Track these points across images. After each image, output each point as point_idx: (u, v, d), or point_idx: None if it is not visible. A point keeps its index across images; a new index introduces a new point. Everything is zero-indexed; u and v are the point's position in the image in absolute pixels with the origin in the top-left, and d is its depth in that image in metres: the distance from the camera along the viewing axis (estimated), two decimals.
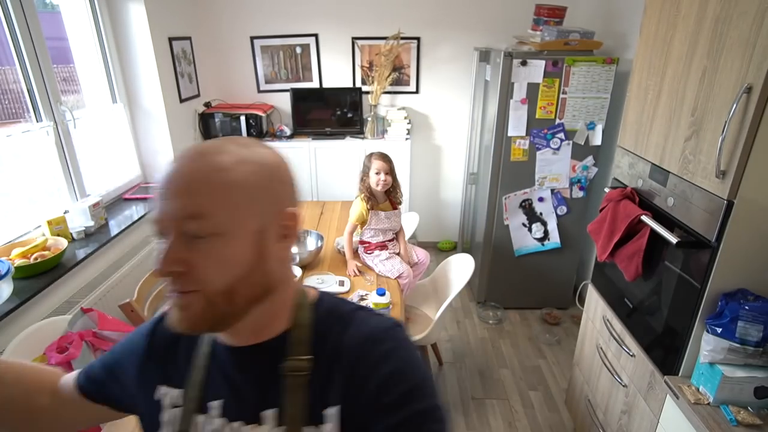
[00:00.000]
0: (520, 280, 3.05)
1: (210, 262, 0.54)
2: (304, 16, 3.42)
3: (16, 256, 1.81)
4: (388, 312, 1.71)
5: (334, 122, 3.57)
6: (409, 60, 3.53)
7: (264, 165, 0.59)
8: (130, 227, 2.40)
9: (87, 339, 1.59)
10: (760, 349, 1.19)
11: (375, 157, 2.16)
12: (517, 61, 2.55)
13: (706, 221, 1.23)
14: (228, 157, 0.56)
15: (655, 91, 1.50)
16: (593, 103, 2.63)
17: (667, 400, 1.35)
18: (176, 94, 3.04)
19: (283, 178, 0.61)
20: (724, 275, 1.22)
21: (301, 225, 0.62)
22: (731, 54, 1.15)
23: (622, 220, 1.54)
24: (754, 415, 1.18)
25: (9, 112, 2.07)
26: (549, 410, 2.31)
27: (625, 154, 1.69)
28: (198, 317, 0.55)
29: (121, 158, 2.85)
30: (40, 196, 2.22)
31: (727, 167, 1.15)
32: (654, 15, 1.51)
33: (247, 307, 0.58)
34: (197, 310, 0.55)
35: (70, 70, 2.51)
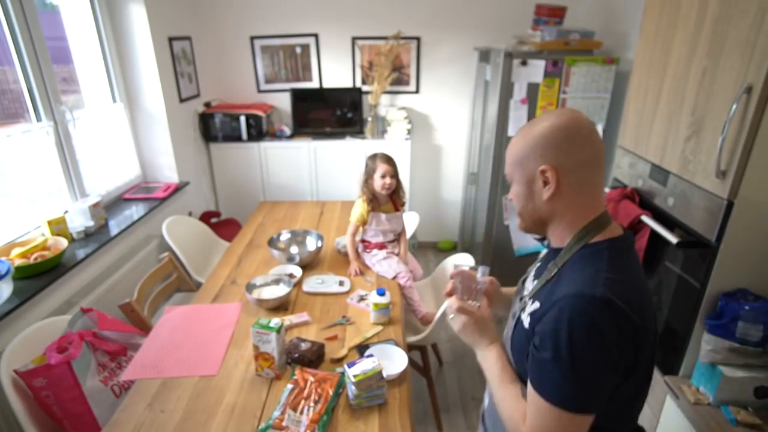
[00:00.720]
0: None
1: (513, 196, 0.93)
2: (304, 16, 3.42)
3: (16, 256, 1.81)
4: (387, 312, 1.71)
5: (334, 122, 3.57)
6: (409, 60, 3.53)
7: (536, 136, 0.85)
8: (130, 227, 2.40)
9: (87, 339, 1.59)
10: (760, 349, 1.19)
11: (380, 160, 2.09)
12: (517, 61, 2.55)
13: (706, 221, 1.23)
14: (527, 128, 0.88)
15: (655, 91, 1.50)
16: (593, 103, 2.63)
17: (667, 400, 1.35)
18: (176, 94, 3.04)
19: (544, 143, 0.84)
20: (724, 275, 1.22)
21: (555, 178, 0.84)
22: (731, 54, 1.15)
23: (623, 220, 1.55)
24: (754, 415, 1.18)
25: (9, 112, 2.07)
26: None
27: (625, 154, 1.69)
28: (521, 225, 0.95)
29: (121, 158, 2.85)
30: (40, 196, 2.22)
31: (727, 167, 1.15)
32: (654, 15, 1.51)
33: (535, 226, 0.92)
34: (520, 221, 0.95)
35: (70, 70, 2.51)
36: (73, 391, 1.47)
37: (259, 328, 1.38)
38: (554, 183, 0.83)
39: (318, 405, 1.27)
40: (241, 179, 3.57)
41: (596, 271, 0.79)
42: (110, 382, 1.59)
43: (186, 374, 1.46)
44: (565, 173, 0.83)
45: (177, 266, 2.40)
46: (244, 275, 2.07)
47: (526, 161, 0.86)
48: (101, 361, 1.62)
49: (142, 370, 1.48)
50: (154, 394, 1.38)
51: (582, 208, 0.86)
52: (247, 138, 3.40)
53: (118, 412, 1.32)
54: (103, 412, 1.52)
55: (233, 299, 1.88)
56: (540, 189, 0.86)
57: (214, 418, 1.29)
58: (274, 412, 1.26)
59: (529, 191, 0.88)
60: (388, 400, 1.35)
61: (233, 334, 1.65)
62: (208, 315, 1.77)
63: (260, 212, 2.84)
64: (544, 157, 0.84)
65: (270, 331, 1.37)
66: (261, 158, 3.49)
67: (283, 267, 2.08)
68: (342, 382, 1.38)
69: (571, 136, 0.83)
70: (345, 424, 1.27)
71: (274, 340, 1.38)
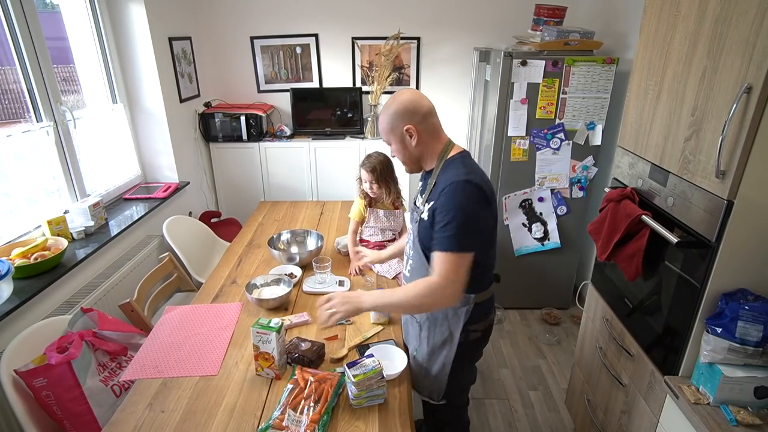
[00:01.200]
0: (520, 280, 3.05)
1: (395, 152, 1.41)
2: (304, 16, 3.42)
3: (16, 256, 1.81)
4: (387, 312, 1.71)
5: (334, 122, 3.57)
6: (409, 60, 3.53)
7: (394, 111, 1.33)
8: (130, 227, 2.40)
9: (87, 339, 1.59)
10: (760, 349, 1.19)
11: (364, 168, 2.10)
12: (517, 61, 2.55)
13: (706, 221, 1.23)
14: (385, 109, 1.35)
15: (655, 91, 1.50)
16: (593, 103, 2.63)
17: (667, 400, 1.35)
18: (176, 94, 3.04)
19: (401, 113, 1.32)
20: (724, 275, 1.22)
21: (416, 131, 1.33)
22: (731, 54, 1.15)
23: (622, 220, 1.54)
24: (754, 415, 1.18)
25: (9, 112, 2.07)
26: (549, 410, 2.31)
27: (625, 154, 1.69)
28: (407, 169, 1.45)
29: (121, 158, 2.86)
30: (40, 196, 2.22)
31: (727, 167, 1.15)
32: (654, 15, 1.51)
33: (415, 165, 1.42)
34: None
35: (70, 70, 2.51)
36: (73, 391, 1.47)
37: (259, 328, 1.38)
38: (416, 134, 1.32)
39: (318, 405, 1.27)
40: (241, 179, 3.57)
41: (458, 171, 1.28)
42: (110, 382, 1.59)
43: (186, 374, 1.46)
44: (418, 125, 1.32)
45: (177, 266, 2.40)
46: (244, 275, 2.07)
47: (395, 128, 1.34)
48: (101, 361, 1.62)
49: (142, 370, 1.48)
50: (154, 394, 1.38)
51: (436, 141, 1.37)
52: (247, 138, 3.40)
53: (118, 412, 1.32)
54: (103, 412, 1.52)
55: (233, 299, 1.88)
56: (409, 141, 1.34)
57: (214, 418, 1.29)
58: (274, 412, 1.26)
59: (403, 145, 1.36)
60: (388, 400, 1.35)
61: (233, 334, 1.65)
62: (208, 315, 1.77)
63: (260, 212, 2.84)
64: (404, 121, 1.32)
65: (270, 331, 1.37)
66: (261, 158, 3.49)
67: (283, 267, 2.08)
68: (342, 382, 1.38)
69: (413, 103, 1.32)
70: (345, 424, 1.27)
71: (274, 340, 1.38)
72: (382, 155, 2.14)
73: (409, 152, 1.37)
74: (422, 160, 1.39)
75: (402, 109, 1.31)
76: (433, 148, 1.36)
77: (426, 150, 1.36)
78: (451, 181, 1.25)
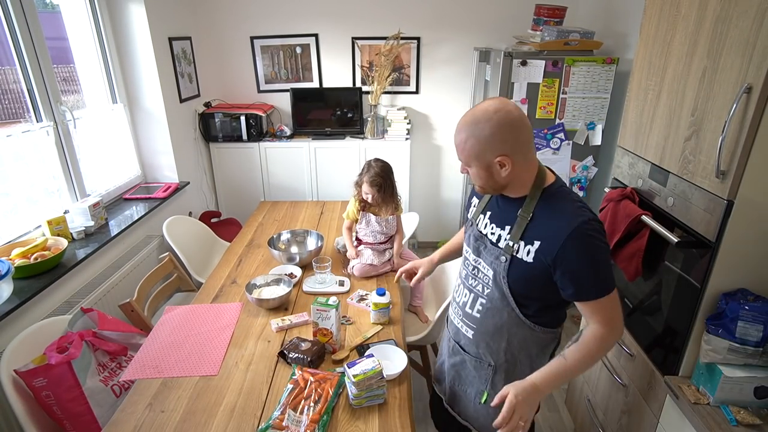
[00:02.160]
0: None
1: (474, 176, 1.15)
2: (304, 16, 3.42)
3: (16, 256, 1.81)
4: (387, 312, 1.71)
5: (334, 122, 3.57)
6: (409, 60, 3.53)
7: (488, 135, 1.06)
8: (130, 227, 2.40)
9: (87, 339, 1.59)
10: (760, 349, 1.19)
11: (367, 178, 2.02)
12: (517, 61, 2.55)
13: (706, 221, 1.23)
14: (473, 125, 1.08)
15: (655, 91, 1.50)
16: (593, 103, 2.63)
17: (667, 400, 1.35)
18: (176, 94, 3.04)
19: (498, 138, 1.06)
20: (724, 275, 1.22)
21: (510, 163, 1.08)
22: (731, 54, 1.15)
23: (622, 220, 1.54)
24: (754, 415, 1.18)
25: (9, 112, 2.07)
26: (549, 410, 2.31)
27: (625, 154, 1.69)
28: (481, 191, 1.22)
29: (121, 158, 2.86)
30: (40, 196, 2.22)
31: (727, 167, 1.15)
32: (654, 15, 1.51)
33: (495, 192, 1.19)
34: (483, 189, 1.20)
35: (70, 70, 2.51)
36: (73, 391, 1.47)
37: (319, 305, 1.49)
38: (510, 166, 1.08)
39: (318, 405, 1.27)
40: (241, 179, 3.57)
41: (572, 207, 1.09)
42: (110, 382, 1.59)
43: (186, 374, 1.46)
44: (514, 155, 1.07)
45: (177, 266, 2.40)
46: (244, 275, 2.07)
47: (482, 155, 1.09)
48: (101, 361, 1.62)
49: (142, 370, 1.48)
50: (154, 394, 1.38)
51: (530, 169, 1.13)
52: (247, 138, 3.40)
53: (118, 412, 1.32)
54: (103, 412, 1.52)
55: (233, 299, 1.88)
56: (498, 171, 1.10)
57: (214, 418, 1.29)
58: (274, 412, 1.26)
59: (488, 173, 1.12)
60: (388, 400, 1.35)
61: (233, 334, 1.65)
62: (208, 315, 1.77)
63: (260, 212, 2.84)
64: (496, 149, 1.07)
65: (329, 308, 1.48)
66: (261, 158, 3.49)
67: (283, 267, 2.08)
68: (342, 382, 1.38)
69: (513, 129, 1.06)
70: (345, 424, 1.27)
71: (333, 317, 1.49)
72: (381, 163, 2.06)
73: (494, 181, 1.13)
74: (507, 187, 1.16)
75: (498, 131, 1.05)
76: (526, 175, 1.13)
77: (516, 179, 1.13)
78: (572, 225, 1.05)
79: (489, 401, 1.26)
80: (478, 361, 1.30)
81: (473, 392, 1.34)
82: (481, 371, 1.31)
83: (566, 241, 1.05)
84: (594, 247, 1.05)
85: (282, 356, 1.51)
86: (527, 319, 1.20)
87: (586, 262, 1.06)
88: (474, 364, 1.32)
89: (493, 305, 1.22)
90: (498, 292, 1.20)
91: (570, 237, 1.05)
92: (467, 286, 1.30)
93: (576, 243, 1.05)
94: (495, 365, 1.27)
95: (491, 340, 1.25)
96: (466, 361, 1.34)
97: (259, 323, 1.72)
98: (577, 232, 1.04)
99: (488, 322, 1.24)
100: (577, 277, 1.08)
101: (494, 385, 1.29)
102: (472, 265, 1.27)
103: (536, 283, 1.14)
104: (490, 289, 1.21)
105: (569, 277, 1.08)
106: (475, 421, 1.37)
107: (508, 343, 1.23)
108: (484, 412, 1.33)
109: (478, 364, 1.31)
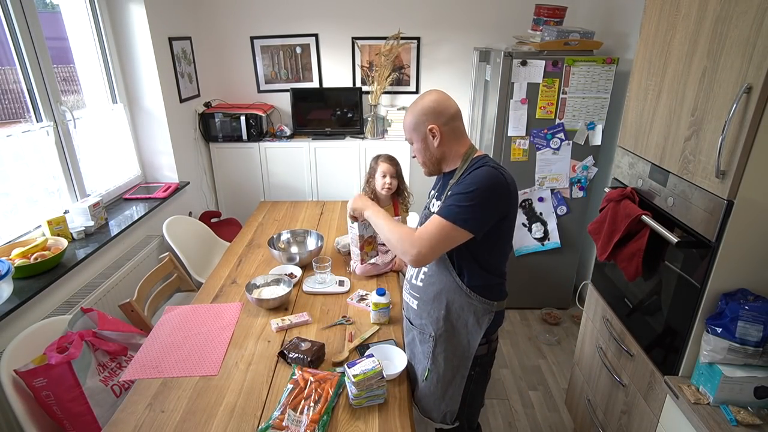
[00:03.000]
0: (520, 280, 3.05)
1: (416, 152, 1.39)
2: (304, 16, 3.42)
3: (16, 256, 1.81)
4: (387, 312, 1.71)
5: (334, 122, 3.57)
6: (409, 60, 3.53)
7: (420, 110, 1.32)
8: (130, 227, 2.40)
9: (87, 339, 1.59)
10: (760, 349, 1.19)
11: (382, 159, 2.16)
12: (517, 61, 2.55)
13: (706, 221, 1.23)
14: (411, 107, 1.35)
15: (655, 91, 1.50)
16: (593, 103, 2.63)
17: (667, 400, 1.35)
18: (176, 94, 3.04)
19: (426, 112, 1.31)
20: (724, 275, 1.22)
21: (439, 131, 1.31)
22: (731, 54, 1.15)
23: (622, 220, 1.54)
24: (754, 415, 1.18)
25: (9, 112, 2.07)
26: (549, 410, 2.31)
27: (625, 154, 1.69)
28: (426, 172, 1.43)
29: (121, 158, 2.86)
30: (40, 196, 2.22)
31: (727, 167, 1.15)
32: (654, 15, 1.51)
33: (435, 167, 1.39)
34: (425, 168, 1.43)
35: (70, 70, 2.51)
36: (74, 391, 1.47)
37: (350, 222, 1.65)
38: (439, 134, 1.31)
39: (318, 405, 1.27)
40: (241, 179, 3.57)
41: (489, 167, 1.26)
42: (110, 382, 1.59)
43: (186, 374, 1.46)
44: (442, 126, 1.31)
45: (177, 266, 2.40)
46: (244, 275, 2.07)
47: (419, 126, 1.33)
48: (101, 361, 1.62)
49: (142, 370, 1.48)
50: (154, 394, 1.38)
51: (459, 144, 1.34)
52: (247, 138, 3.40)
53: (118, 412, 1.32)
54: (103, 412, 1.52)
55: (233, 299, 1.88)
56: (431, 141, 1.33)
57: (214, 418, 1.29)
58: (274, 412, 1.26)
59: (425, 145, 1.34)
60: (388, 400, 1.35)
61: (233, 334, 1.65)
62: (208, 315, 1.77)
63: (260, 212, 2.84)
64: (429, 120, 1.31)
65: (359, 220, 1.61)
66: (261, 158, 3.49)
67: (283, 267, 2.08)
68: (342, 382, 1.38)
69: (439, 104, 1.31)
70: (345, 424, 1.27)
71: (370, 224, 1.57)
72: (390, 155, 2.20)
73: (431, 152, 1.34)
74: (443, 161, 1.36)
75: (428, 108, 1.30)
76: (455, 149, 1.34)
77: (448, 151, 1.34)
78: (475, 167, 1.26)
79: (430, 376, 1.40)
80: (422, 333, 1.41)
81: (420, 370, 1.43)
82: (424, 345, 1.40)
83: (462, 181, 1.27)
84: (474, 181, 1.23)
85: (282, 356, 1.51)
86: (462, 283, 1.31)
87: (459, 189, 1.24)
88: (420, 338, 1.42)
89: (433, 272, 1.37)
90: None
91: (467, 175, 1.27)
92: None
93: (466, 177, 1.26)
94: (435, 335, 1.37)
95: (432, 308, 1.37)
96: (415, 336, 1.45)
97: (259, 323, 1.72)
98: (477, 169, 1.25)
99: (429, 290, 1.37)
100: (447, 199, 1.26)
101: (435, 358, 1.38)
102: None
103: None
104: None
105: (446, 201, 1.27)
106: (419, 402, 1.46)
107: (447, 311, 1.34)
108: (426, 391, 1.42)
109: (423, 337, 1.41)
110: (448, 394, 1.40)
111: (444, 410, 1.43)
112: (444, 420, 1.44)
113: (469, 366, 1.38)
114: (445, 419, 1.44)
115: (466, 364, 1.38)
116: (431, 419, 1.46)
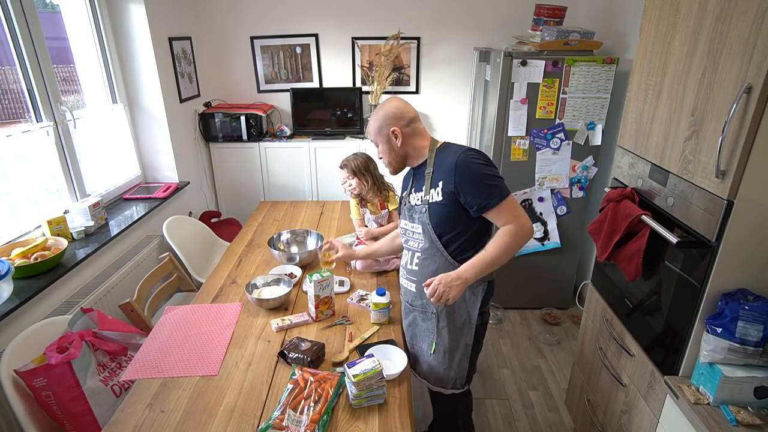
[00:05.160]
0: (520, 280, 3.05)
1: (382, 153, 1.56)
2: (304, 16, 3.42)
3: (16, 256, 1.81)
4: (387, 312, 1.71)
5: (334, 122, 3.57)
6: (409, 60, 3.53)
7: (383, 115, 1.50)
8: (130, 227, 2.40)
9: (87, 339, 1.59)
10: (760, 349, 1.19)
11: (340, 167, 2.20)
12: (517, 61, 2.55)
13: (706, 221, 1.23)
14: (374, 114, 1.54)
15: (655, 91, 1.50)
16: (593, 103, 2.63)
17: (667, 400, 1.35)
18: (176, 94, 3.04)
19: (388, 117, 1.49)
20: (724, 275, 1.22)
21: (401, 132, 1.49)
22: (731, 54, 1.15)
23: (622, 220, 1.54)
24: (754, 415, 1.18)
25: (9, 112, 2.07)
26: (549, 410, 2.31)
27: (625, 154, 1.69)
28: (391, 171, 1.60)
29: (121, 158, 2.86)
30: (40, 196, 2.22)
31: (727, 167, 1.15)
32: (654, 15, 1.51)
33: (399, 165, 1.56)
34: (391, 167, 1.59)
35: (70, 70, 2.51)
36: (74, 391, 1.47)
37: (319, 277, 1.65)
38: (401, 135, 1.48)
39: (318, 405, 1.27)
40: (241, 179, 3.57)
41: (455, 149, 1.44)
42: (110, 382, 1.59)
43: (186, 374, 1.46)
44: (404, 128, 1.49)
45: (177, 266, 2.40)
46: (244, 275, 2.07)
47: (382, 129, 1.50)
48: (101, 361, 1.62)
49: (142, 370, 1.48)
50: (154, 394, 1.38)
51: (421, 140, 1.52)
52: (247, 138, 3.40)
53: (118, 412, 1.32)
54: (103, 412, 1.52)
55: (233, 299, 1.88)
56: (395, 141, 1.49)
57: (214, 418, 1.29)
58: (274, 412, 1.26)
59: (389, 146, 1.51)
60: (388, 400, 1.35)
61: (233, 334, 1.65)
62: (208, 315, 1.77)
63: (260, 212, 2.84)
64: (390, 124, 1.48)
65: (327, 278, 1.66)
66: (261, 158, 3.49)
67: (283, 267, 2.08)
68: (342, 382, 1.38)
69: (399, 110, 1.49)
70: (345, 424, 1.27)
71: (330, 284, 1.68)
72: (357, 153, 2.22)
73: (395, 152, 1.51)
74: (408, 158, 1.54)
75: (390, 113, 1.49)
76: (419, 145, 1.51)
77: (411, 148, 1.51)
78: (457, 156, 1.38)
79: (437, 351, 1.54)
80: (423, 312, 1.55)
81: (425, 346, 1.57)
82: (428, 322, 1.55)
83: (455, 169, 1.37)
84: (477, 166, 1.37)
85: (282, 356, 1.51)
86: (455, 260, 1.45)
87: (476, 180, 1.36)
88: (422, 317, 1.56)
89: (426, 255, 1.51)
90: (428, 241, 1.49)
91: (456, 165, 1.37)
92: (407, 247, 1.59)
93: (463, 167, 1.37)
94: (437, 312, 1.52)
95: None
96: (416, 316, 1.58)
97: (259, 323, 1.72)
98: (460, 159, 1.38)
99: (425, 272, 1.51)
100: (475, 194, 1.36)
101: (440, 332, 1.53)
102: (408, 230, 1.57)
103: (452, 215, 1.43)
104: (422, 241, 1.51)
105: (470, 195, 1.37)
106: (430, 375, 1.60)
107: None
108: (435, 363, 1.57)
109: (425, 316, 1.55)
110: (455, 362, 1.56)
111: (454, 377, 1.59)
112: (455, 386, 1.60)
113: (473, 335, 1.53)
114: (456, 385, 1.60)
115: (469, 333, 1.53)
116: (443, 388, 1.60)
